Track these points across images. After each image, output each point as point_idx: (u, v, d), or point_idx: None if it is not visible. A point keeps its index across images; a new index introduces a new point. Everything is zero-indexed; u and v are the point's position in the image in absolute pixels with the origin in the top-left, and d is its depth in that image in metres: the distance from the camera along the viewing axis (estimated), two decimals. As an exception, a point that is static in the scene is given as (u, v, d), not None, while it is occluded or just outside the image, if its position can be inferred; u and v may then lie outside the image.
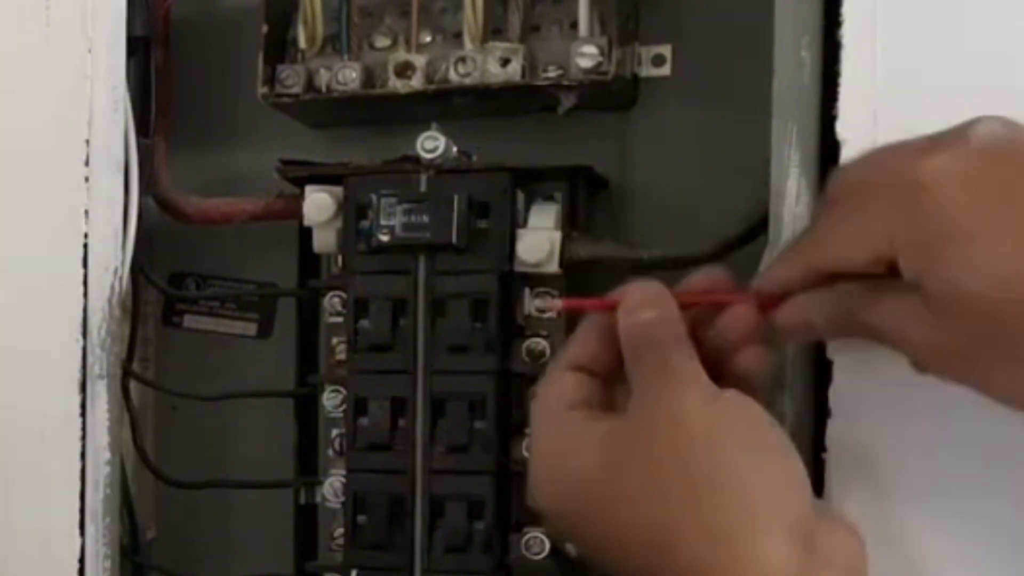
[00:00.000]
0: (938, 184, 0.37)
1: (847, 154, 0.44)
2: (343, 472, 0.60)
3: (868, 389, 0.42)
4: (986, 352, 0.37)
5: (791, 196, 0.45)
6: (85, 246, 0.58)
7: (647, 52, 0.62)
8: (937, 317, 0.38)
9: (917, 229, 0.37)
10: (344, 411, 0.60)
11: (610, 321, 0.44)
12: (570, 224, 0.59)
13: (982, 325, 0.37)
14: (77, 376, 0.58)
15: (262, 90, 0.63)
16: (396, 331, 0.59)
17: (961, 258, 0.36)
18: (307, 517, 0.64)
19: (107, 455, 0.58)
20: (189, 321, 0.71)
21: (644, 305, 0.43)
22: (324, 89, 0.62)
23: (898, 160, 0.39)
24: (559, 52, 0.60)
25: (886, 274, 0.39)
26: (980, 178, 0.37)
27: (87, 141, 0.58)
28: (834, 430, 0.44)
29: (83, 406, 0.58)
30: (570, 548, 0.54)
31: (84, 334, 0.58)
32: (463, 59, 0.60)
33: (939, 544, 0.43)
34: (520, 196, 0.59)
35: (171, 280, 0.70)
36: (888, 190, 0.38)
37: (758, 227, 0.52)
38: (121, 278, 0.59)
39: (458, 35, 0.62)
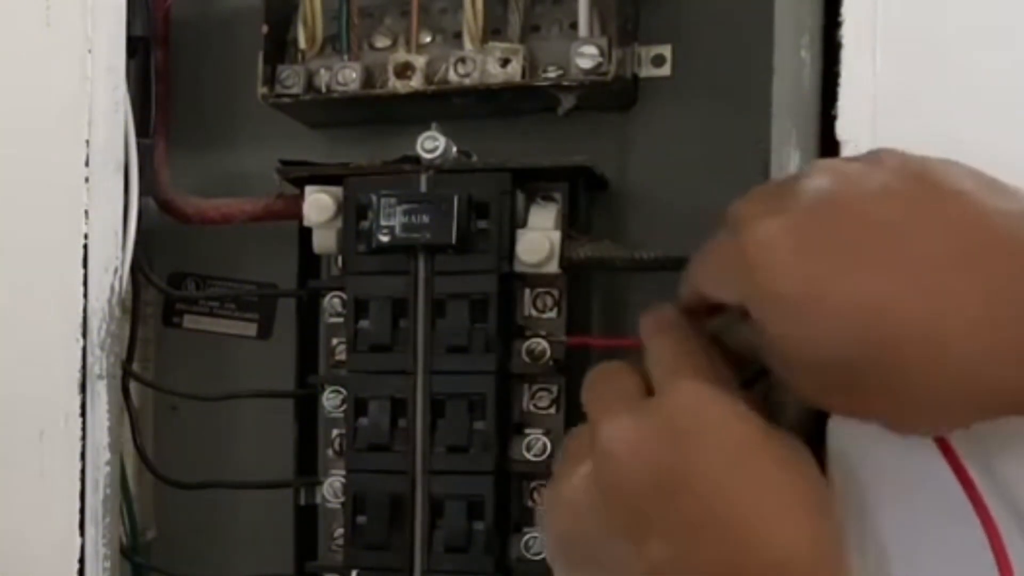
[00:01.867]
0: (765, 256, 0.37)
1: (847, 154, 0.44)
2: (343, 472, 0.60)
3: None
4: (842, 400, 0.39)
5: (791, 196, 0.45)
6: (85, 246, 0.58)
7: (647, 52, 0.62)
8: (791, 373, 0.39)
9: (757, 299, 0.38)
10: (344, 411, 0.60)
11: None
12: (570, 224, 0.59)
13: (831, 379, 0.38)
14: (77, 376, 0.58)
15: (262, 90, 0.63)
16: (396, 331, 0.59)
17: (788, 331, 0.37)
18: (307, 517, 0.64)
19: (107, 455, 0.58)
20: (189, 321, 0.71)
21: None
22: (324, 89, 0.62)
23: (745, 209, 0.39)
24: (559, 52, 0.60)
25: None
26: (805, 246, 0.37)
27: (87, 141, 0.58)
28: (834, 430, 0.44)
29: (83, 406, 0.58)
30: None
31: (84, 334, 0.58)
32: (463, 59, 0.60)
33: (939, 542, 0.43)
34: (520, 196, 0.59)
35: (171, 280, 0.70)
36: (730, 246, 0.39)
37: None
38: (121, 278, 0.59)
39: (458, 35, 0.62)
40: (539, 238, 0.57)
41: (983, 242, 0.36)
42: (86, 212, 0.58)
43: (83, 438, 0.58)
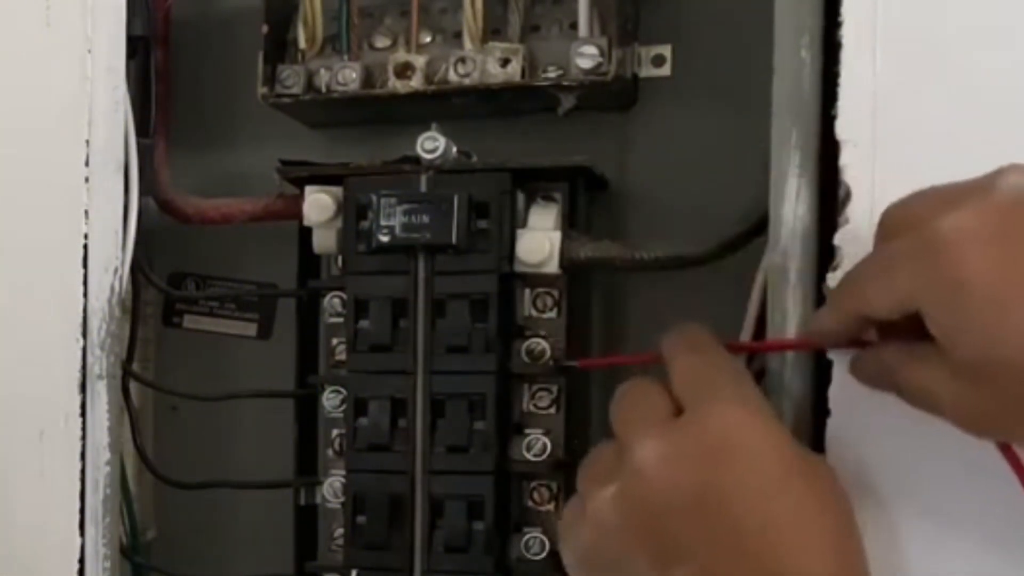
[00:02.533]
0: (958, 243, 0.35)
1: (847, 154, 0.44)
2: (343, 472, 0.60)
3: (868, 389, 0.42)
4: (1019, 413, 0.36)
5: (791, 196, 0.45)
6: (85, 246, 0.58)
7: (647, 52, 0.62)
8: (965, 383, 0.37)
9: (938, 288, 0.36)
10: (344, 411, 0.60)
11: None
12: (570, 224, 0.59)
13: (1012, 389, 0.35)
14: (77, 376, 0.58)
15: (262, 90, 0.63)
16: (396, 331, 0.59)
17: (983, 323, 0.35)
18: (307, 517, 0.64)
19: (107, 455, 0.58)
20: (189, 321, 0.71)
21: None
22: (324, 89, 0.62)
23: (925, 209, 0.37)
24: (559, 52, 0.60)
25: (915, 324, 0.38)
26: (1002, 236, 0.35)
27: (87, 141, 0.58)
28: (834, 430, 0.44)
29: (83, 406, 0.58)
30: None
31: (84, 334, 0.58)
32: (463, 59, 0.60)
33: (939, 542, 0.43)
34: (520, 196, 0.59)
35: (171, 280, 0.70)
36: (912, 242, 0.37)
37: (758, 227, 0.52)
38: (121, 278, 0.59)
39: (458, 35, 0.62)
40: (539, 238, 0.57)
41: None
42: (86, 212, 0.58)
43: (83, 438, 0.58)
